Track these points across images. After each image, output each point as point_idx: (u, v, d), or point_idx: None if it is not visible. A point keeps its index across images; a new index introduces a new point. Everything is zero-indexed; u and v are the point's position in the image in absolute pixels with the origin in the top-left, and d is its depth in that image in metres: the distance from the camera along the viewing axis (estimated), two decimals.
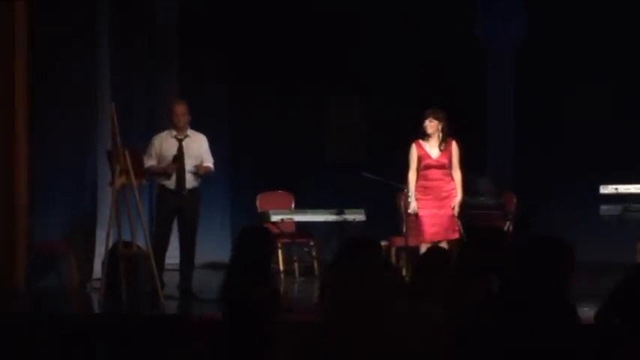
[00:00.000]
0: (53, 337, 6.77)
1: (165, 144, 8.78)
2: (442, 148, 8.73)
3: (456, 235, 8.70)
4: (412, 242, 8.95)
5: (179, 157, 8.72)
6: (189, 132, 8.84)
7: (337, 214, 9.92)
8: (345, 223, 9.92)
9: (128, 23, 10.60)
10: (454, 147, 8.76)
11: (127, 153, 8.33)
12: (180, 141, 8.79)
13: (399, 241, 9.66)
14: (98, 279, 8.82)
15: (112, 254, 8.55)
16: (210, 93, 11.31)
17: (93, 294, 8.93)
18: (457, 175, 8.78)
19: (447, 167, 8.76)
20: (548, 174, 11.14)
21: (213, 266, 11.10)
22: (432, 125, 8.72)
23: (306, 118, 11.58)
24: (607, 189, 9.47)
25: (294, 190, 10.92)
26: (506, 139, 11.53)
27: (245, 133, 11.60)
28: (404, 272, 8.47)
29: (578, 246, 4.30)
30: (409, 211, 8.76)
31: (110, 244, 8.53)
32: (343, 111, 12.02)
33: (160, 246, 8.63)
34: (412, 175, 8.75)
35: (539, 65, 11.29)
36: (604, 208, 9.45)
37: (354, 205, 9.96)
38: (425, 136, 8.75)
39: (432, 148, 8.76)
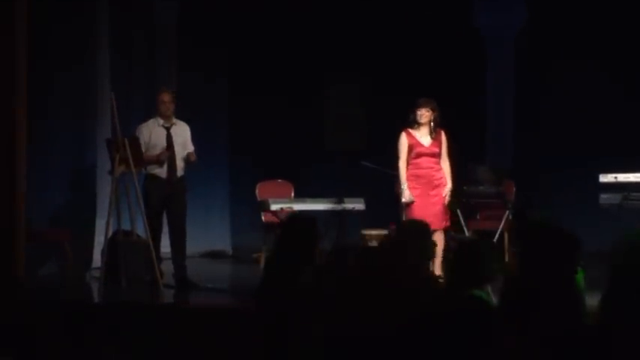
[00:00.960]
0: (53, 326, 6.77)
1: (153, 133, 8.81)
2: (433, 136, 8.71)
3: (448, 224, 8.69)
4: None
5: (170, 145, 8.75)
6: (175, 120, 8.88)
7: (337, 202, 9.91)
8: (344, 211, 9.92)
9: (128, 23, 10.59)
10: (444, 136, 8.74)
11: (126, 142, 8.35)
12: (167, 129, 8.81)
13: None
14: (98, 268, 8.84)
15: (111, 243, 8.57)
16: (210, 90, 11.32)
17: (92, 283, 8.94)
18: (446, 164, 8.75)
19: (437, 156, 8.71)
20: (547, 162, 11.12)
21: (212, 255, 11.13)
22: (427, 115, 8.69)
23: (305, 107, 11.57)
24: (606, 177, 9.44)
25: (294, 179, 10.92)
26: (506, 127, 11.53)
27: (244, 122, 11.59)
28: None
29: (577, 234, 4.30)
30: (403, 200, 8.65)
31: (110, 233, 8.55)
32: (342, 100, 12.01)
33: (155, 234, 8.63)
34: (403, 164, 8.68)
35: (538, 53, 11.28)
36: (603, 197, 9.43)
37: (353, 194, 9.95)
38: (415, 124, 8.71)
39: (422, 136, 8.71)
